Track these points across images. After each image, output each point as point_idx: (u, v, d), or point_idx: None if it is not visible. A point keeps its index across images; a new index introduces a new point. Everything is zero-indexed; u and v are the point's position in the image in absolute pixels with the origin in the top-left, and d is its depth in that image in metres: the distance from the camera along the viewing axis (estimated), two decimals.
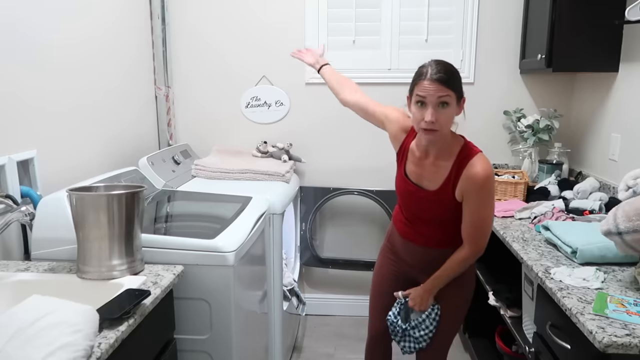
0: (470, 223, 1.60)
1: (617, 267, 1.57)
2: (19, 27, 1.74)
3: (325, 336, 2.96)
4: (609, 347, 1.14)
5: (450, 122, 1.55)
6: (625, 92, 2.30)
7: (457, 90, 1.52)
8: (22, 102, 1.76)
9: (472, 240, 1.62)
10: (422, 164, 1.66)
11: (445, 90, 1.48)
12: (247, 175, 2.63)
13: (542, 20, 2.46)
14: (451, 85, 1.49)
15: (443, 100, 1.49)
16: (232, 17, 2.94)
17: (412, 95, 1.56)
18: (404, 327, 1.81)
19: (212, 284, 1.66)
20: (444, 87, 1.48)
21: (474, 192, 1.56)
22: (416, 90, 1.53)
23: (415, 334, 1.80)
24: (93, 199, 1.41)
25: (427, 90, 1.49)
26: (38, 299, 1.08)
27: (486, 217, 1.61)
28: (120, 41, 2.48)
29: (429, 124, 1.50)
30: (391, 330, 1.86)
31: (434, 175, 1.63)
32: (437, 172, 1.62)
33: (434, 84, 1.48)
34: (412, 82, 1.57)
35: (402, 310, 1.82)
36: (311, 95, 3.00)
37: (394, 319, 1.83)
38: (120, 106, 2.48)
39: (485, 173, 1.55)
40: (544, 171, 2.67)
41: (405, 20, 2.86)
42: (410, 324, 1.80)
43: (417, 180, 1.68)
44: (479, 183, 1.55)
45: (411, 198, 1.71)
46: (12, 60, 1.71)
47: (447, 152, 1.61)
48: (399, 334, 1.84)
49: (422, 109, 1.51)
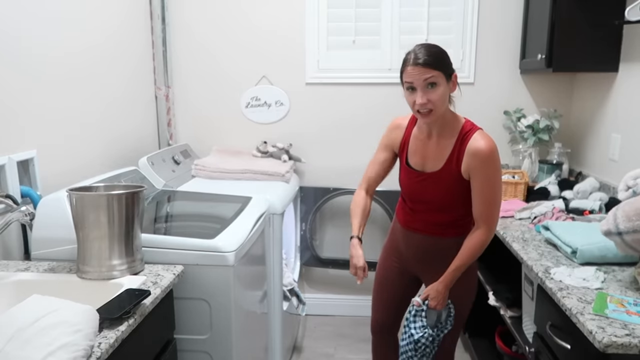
0: (481, 200, 1.59)
1: (617, 267, 1.57)
2: (21, 30, 1.74)
3: (325, 336, 2.95)
4: (609, 347, 1.14)
5: (443, 100, 1.57)
6: (625, 92, 2.30)
7: (443, 69, 1.55)
8: (22, 102, 1.76)
9: (486, 219, 1.60)
10: (426, 146, 1.68)
11: (430, 72, 1.53)
12: (247, 175, 2.63)
13: (542, 20, 2.46)
14: (436, 66, 1.54)
15: (430, 82, 1.53)
16: (232, 18, 2.94)
17: (402, 83, 1.61)
18: (435, 333, 1.69)
19: (212, 284, 1.66)
20: (428, 69, 1.53)
21: (480, 167, 1.57)
22: (404, 77, 1.59)
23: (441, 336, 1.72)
24: (93, 199, 1.41)
25: (412, 75, 1.55)
26: (38, 299, 1.08)
27: (496, 192, 1.60)
28: (120, 42, 2.48)
29: (422, 106, 1.55)
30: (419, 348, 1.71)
31: (438, 154, 1.66)
32: (441, 150, 1.65)
33: (417, 68, 1.53)
34: (400, 70, 1.62)
35: (427, 317, 1.69)
36: (311, 95, 3.00)
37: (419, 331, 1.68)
38: (120, 106, 2.48)
39: (489, 146, 1.57)
40: (544, 171, 2.67)
41: (405, 20, 2.86)
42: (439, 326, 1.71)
43: (421, 166, 1.70)
44: (484, 157, 1.56)
45: (415, 185, 1.71)
46: (13, 61, 1.71)
47: (450, 130, 1.64)
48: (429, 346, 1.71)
49: (413, 94, 1.57)
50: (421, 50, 1.57)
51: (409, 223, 1.80)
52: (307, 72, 2.97)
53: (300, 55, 2.95)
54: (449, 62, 1.59)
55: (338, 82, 2.96)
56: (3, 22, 1.66)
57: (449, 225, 1.71)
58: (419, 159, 1.71)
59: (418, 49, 1.58)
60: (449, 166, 1.63)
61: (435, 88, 1.54)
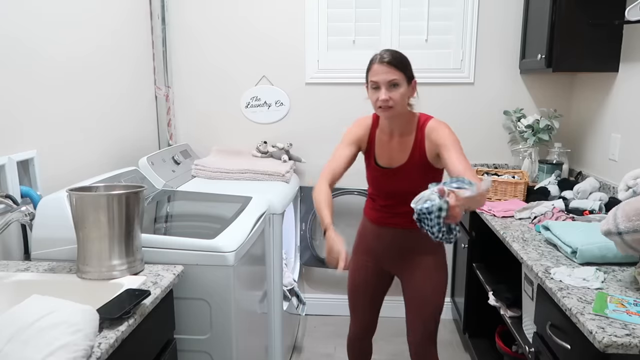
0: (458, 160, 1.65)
1: (617, 267, 1.57)
2: (22, 30, 1.74)
3: (325, 336, 2.96)
4: (609, 347, 1.14)
5: (403, 100, 1.71)
6: (625, 92, 2.30)
7: (405, 72, 1.69)
8: (22, 103, 1.76)
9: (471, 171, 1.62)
10: (391, 145, 1.82)
11: (394, 73, 1.67)
12: (247, 175, 2.63)
13: (542, 20, 2.46)
14: (399, 67, 1.68)
15: (393, 82, 1.67)
16: (232, 17, 2.94)
17: (368, 82, 1.73)
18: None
19: (212, 284, 1.66)
20: (392, 69, 1.66)
21: (442, 136, 1.71)
22: (370, 77, 1.71)
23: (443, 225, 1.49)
24: (93, 199, 1.41)
25: (377, 74, 1.68)
26: (38, 299, 1.08)
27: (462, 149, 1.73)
28: (120, 42, 2.48)
29: (384, 102, 1.68)
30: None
31: (401, 149, 1.80)
32: (404, 146, 1.79)
33: (383, 66, 1.67)
34: (366, 71, 1.74)
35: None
36: (311, 95, 3.00)
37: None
38: (120, 106, 2.49)
39: (443, 122, 1.77)
40: (544, 171, 2.67)
41: (405, 20, 2.87)
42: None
43: (388, 164, 1.82)
44: (440, 128, 1.73)
45: (387, 181, 1.83)
46: (13, 62, 1.71)
47: (409, 127, 1.79)
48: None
49: (377, 91, 1.69)
50: (387, 52, 1.70)
51: (383, 219, 1.88)
52: (307, 72, 2.97)
53: (300, 55, 2.95)
54: (410, 68, 1.73)
55: (338, 82, 2.96)
56: (3, 23, 1.66)
57: None
58: (386, 158, 1.83)
59: (384, 52, 1.71)
60: (414, 157, 1.78)
61: (397, 88, 1.68)
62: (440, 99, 2.94)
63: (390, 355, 2.74)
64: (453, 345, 2.88)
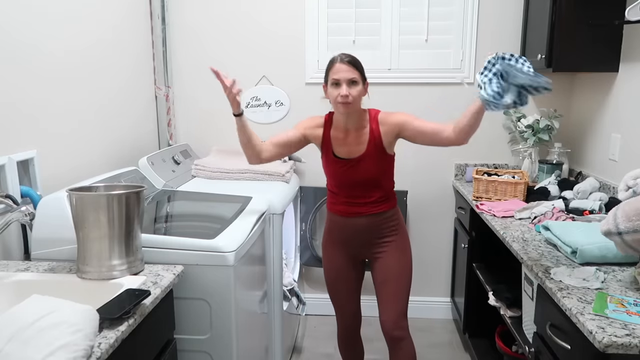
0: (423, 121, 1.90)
1: (617, 267, 1.57)
2: (21, 31, 1.74)
3: (325, 336, 2.96)
4: (609, 347, 1.14)
5: (359, 97, 1.89)
6: (625, 92, 2.30)
7: (362, 73, 1.90)
8: (22, 102, 1.76)
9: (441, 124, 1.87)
10: (347, 140, 1.97)
11: (354, 72, 1.86)
12: (247, 175, 2.63)
13: (542, 20, 2.46)
14: (357, 68, 1.88)
15: (353, 80, 1.85)
16: (232, 17, 2.94)
17: (328, 80, 1.90)
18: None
19: (212, 284, 1.66)
20: (352, 68, 1.85)
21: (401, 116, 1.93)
22: (331, 75, 1.88)
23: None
24: (93, 199, 1.41)
25: (339, 72, 1.85)
26: (38, 299, 1.08)
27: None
28: (120, 42, 2.48)
29: (344, 98, 1.84)
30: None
31: (359, 141, 1.95)
32: (360, 138, 1.95)
33: (344, 65, 1.85)
34: (326, 71, 1.93)
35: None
36: (311, 95, 3.00)
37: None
38: (120, 106, 2.49)
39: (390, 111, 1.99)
40: (544, 171, 2.67)
41: (405, 20, 2.87)
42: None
43: (347, 155, 1.96)
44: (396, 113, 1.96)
45: (349, 171, 1.97)
46: (13, 61, 1.71)
47: (362, 122, 1.96)
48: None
49: (337, 88, 1.86)
50: (346, 54, 1.90)
51: (349, 210, 2.01)
52: (307, 72, 2.97)
53: (300, 55, 2.95)
54: (364, 71, 1.92)
55: None
56: (5, 23, 1.66)
57: (384, 199, 1.99)
58: (344, 151, 1.97)
59: (343, 54, 1.90)
60: (371, 146, 1.93)
61: (356, 86, 1.86)
62: (440, 99, 2.94)
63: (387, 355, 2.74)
64: (453, 345, 2.88)
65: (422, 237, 3.13)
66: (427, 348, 2.83)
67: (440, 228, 3.11)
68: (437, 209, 3.09)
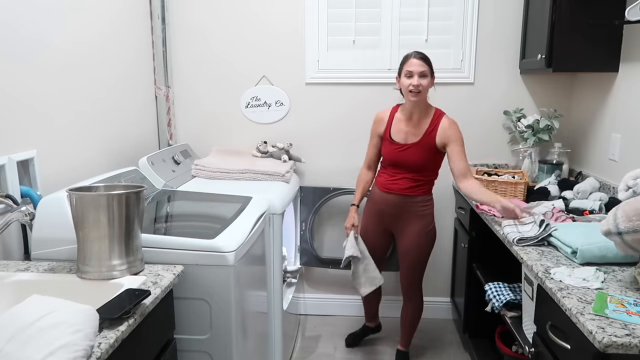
0: (460, 158, 2.28)
1: (617, 267, 1.57)
2: (18, 27, 1.74)
3: (326, 336, 2.96)
4: (609, 347, 1.14)
5: (427, 88, 2.26)
6: (625, 92, 2.30)
7: (431, 68, 2.26)
8: (22, 102, 1.76)
9: (469, 170, 2.30)
10: (408, 125, 2.33)
11: (425, 66, 2.23)
12: (247, 175, 2.63)
13: (542, 20, 2.46)
14: (428, 63, 2.25)
15: (424, 73, 2.22)
16: (232, 17, 2.94)
17: (402, 72, 2.26)
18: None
19: (212, 284, 1.66)
20: (424, 63, 2.23)
21: (454, 134, 2.28)
22: (405, 67, 2.25)
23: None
24: (93, 199, 1.41)
25: (413, 65, 2.22)
26: (38, 299, 1.08)
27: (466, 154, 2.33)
28: (120, 41, 2.48)
29: (415, 87, 2.20)
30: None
31: (417, 130, 2.31)
32: (419, 127, 2.32)
33: (418, 59, 2.23)
34: (401, 65, 2.29)
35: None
36: (311, 95, 3.00)
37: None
38: (120, 106, 2.49)
39: (454, 121, 2.33)
40: (544, 171, 2.67)
41: (405, 20, 2.87)
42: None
43: (403, 140, 2.34)
44: (454, 127, 2.30)
45: (399, 153, 2.33)
46: (12, 60, 1.71)
47: (426, 114, 2.33)
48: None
49: (410, 79, 2.22)
50: (419, 52, 2.28)
51: (388, 185, 2.40)
52: (307, 72, 2.97)
53: (300, 55, 2.95)
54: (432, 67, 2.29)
55: (338, 82, 2.96)
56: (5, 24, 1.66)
57: (420, 185, 2.36)
58: (402, 135, 2.34)
59: (417, 52, 2.28)
60: (426, 137, 2.30)
61: (425, 79, 2.23)
62: (440, 99, 2.94)
63: (386, 355, 2.74)
64: (453, 345, 2.88)
65: None
66: (427, 348, 2.83)
67: (440, 228, 3.11)
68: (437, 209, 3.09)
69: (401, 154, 2.31)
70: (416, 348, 2.81)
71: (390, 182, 2.38)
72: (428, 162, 2.33)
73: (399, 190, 2.36)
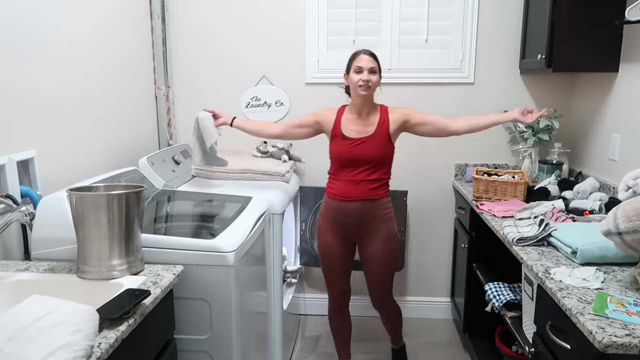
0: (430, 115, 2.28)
1: (617, 267, 1.57)
2: (18, 26, 1.74)
3: (325, 336, 2.95)
4: (609, 347, 1.14)
5: (376, 85, 2.21)
6: (625, 92, 2.30)
7: (379, 65, 2.22)
8: (22, 102, 1.76)
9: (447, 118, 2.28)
10: (357, 121, 2.25)
11: (374, 62, 2.19)
12: (247, 175, 2.63)
13: (542, 21, 2.46)
14: (377, 60, 2.21)
15: (373, 69, 2.18)
16: (232, 18, 2.94)
17: (351, 68, 2.21)
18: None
19: (212, 284, 1.66)
20: (373, 59, 2.20)
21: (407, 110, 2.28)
22: (354, 63, 2.20)
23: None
24: (93, 199, 1.41)
25: (363, 61, 2.18)
26: (38, 299, 1.08)
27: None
28: (120, 41, 2.48)
29: (365, 82, 2.16)
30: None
31: (369, 124, 2.24)
32: (370, 121, 2.25)
33: (367, 55, 2.20)
34: (349, 61, 2.24)
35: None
36: (311, 95, 3.00)
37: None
38: (120, 106, 2.49)
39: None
40: (544, 171, 2.66)
41: (405, 20, 2.87)
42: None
43: (356, 134, 2.23)
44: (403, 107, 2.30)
45: (354, 149, 2.21)
46: (12, 60, 1.71)
47: (374, 110, 2.27)
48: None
49: (360, 74, 2.17)
50: (368, 49, 2.25)
51: (345, 194, 2.23)
52: (307, 72, 2.97)
53: (300, 55, 2.95)
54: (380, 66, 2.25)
55: (338, 82, 2.95)
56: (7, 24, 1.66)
57: (380, 186, 2.24)
58: (353, 131, 2.24)
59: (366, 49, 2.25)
60: (380, 129, 2.22)
61: (375, 75, 2.19)
62: (440, 99, 2.95)
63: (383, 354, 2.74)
64: (453, 345, 2.88)
65: (422, 237, 3.13)
66: (427, 348, 2.83)
67: (440, 228, 3.12)
68: (437, 209, 3.09)
69: (357, 148, 2.19)
70: (416, 348, 2.81)
71: (347, 190, 2.21)
72: (387, 154, 2.23)
73: (361, 195, 2.20)
